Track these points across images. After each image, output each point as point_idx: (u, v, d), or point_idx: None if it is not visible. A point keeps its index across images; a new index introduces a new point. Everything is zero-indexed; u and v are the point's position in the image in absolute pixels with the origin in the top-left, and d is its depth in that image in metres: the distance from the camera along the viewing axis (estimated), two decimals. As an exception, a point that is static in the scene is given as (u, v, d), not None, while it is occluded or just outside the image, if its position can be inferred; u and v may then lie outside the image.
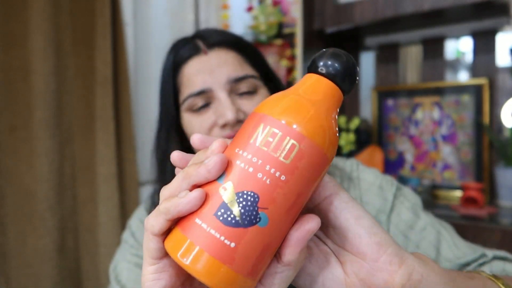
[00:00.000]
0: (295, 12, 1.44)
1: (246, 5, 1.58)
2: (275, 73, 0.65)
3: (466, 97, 1.37)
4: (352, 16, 1.30)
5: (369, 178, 0.61)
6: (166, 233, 0.26)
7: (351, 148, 1.53)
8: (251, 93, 0.57)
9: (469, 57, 1.44)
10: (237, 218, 0.23)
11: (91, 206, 1.15)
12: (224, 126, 0.55)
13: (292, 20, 1.51)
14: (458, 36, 1.45)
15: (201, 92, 0.56)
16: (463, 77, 1.56)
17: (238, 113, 0.54)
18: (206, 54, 0.57)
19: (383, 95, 1.54)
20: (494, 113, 1.34)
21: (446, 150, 1.41)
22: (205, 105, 0.56)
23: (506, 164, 1.23)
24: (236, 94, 0.56)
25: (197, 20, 1.61)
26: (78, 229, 1.14)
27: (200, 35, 0.60)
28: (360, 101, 1.62)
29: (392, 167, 1.52)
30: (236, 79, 0.56)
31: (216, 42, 0.58)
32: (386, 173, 1.49)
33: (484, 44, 1.36)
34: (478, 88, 1.34)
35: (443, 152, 1.42)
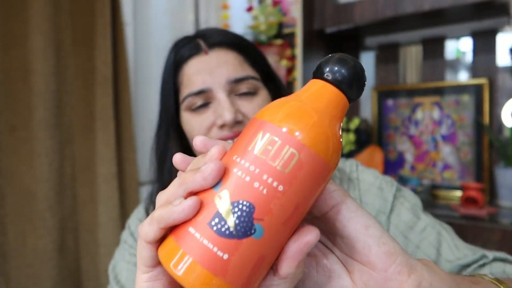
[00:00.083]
0: (295, 12, 1.44)
1: (246, 5, 1.58)
2: (276, 75, 0.64)
3: (466, 97, 1.37)
4: (352, 16, 1.30)
5: (368, 178, 0.61)
6: (160, 241, 0.25)
7: (351, 148, 1.53)
8: (251, 94, 0.57)
9: (469, 57, 1.44)
10: (231, 229, 0.22)
11: (91, 206, 1.15)
12: (222, 126, 0.55)
13: (292, 20, 1.51)
14: (458, 36, 1.45)
15: (200, 92, 0.56)
16: (463, 77, 1.56)
17: (237, 114, 0.54)
18: (207, 54, 0.57)
19: (383, 95, 1.54)
20: (494, 113, 1.34)
21: (446, 150, 1.41)
22: (204, 105, 0.56)
23: (506, 164, 1.23)
24: (236, 95, 0.56)
25: (197, 20, 1.61)
26: (78, 229, 1.14)
27: (202, 35, 0.60)
28: (360, 101, 1.62)
29: (392, 167, 1.52)
30: (236, 80, 0.55)
31: (217, 42, 0.58)
32: (386, 173, 1.49)
33: (484, 44, 1.36)
34: (478, 88, 1.34)
35: (443, 152, 1.42)
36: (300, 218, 0.24)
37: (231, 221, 0.22)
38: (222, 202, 0.23)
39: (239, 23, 1.59)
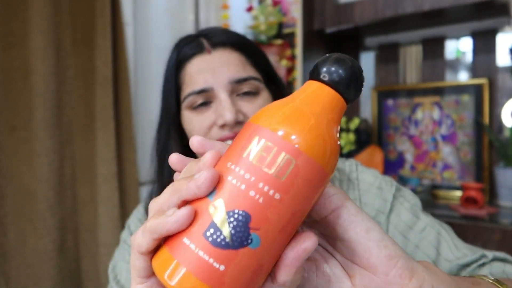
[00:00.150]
0: (295, 12, 1.44)
1: (246, 5, 1.58)
2: (277, 75, 0.64)
3: (466, 97, 1.37)
4: (352, 16, 1.30)
5: (368, 179, 0.61)
6: (154, 251, 0.25)
7: (351, 148, 1.53)
8: (253, 94, 0.57)
9: (469, 57, 1.44)
10: (227, 240, 0.22)
11: (91, 206, 1.15)
12: (223, 126, 0.55)
13: (292, 20, 1.51)
14: (458, 36, 1.45)
15: (202, 91, 0.56)
16: (463, 77, 1.56)
17: (238, 115, 0.54)
18: (210, 53, 0.57)
19: (383, 95, 1.54)
20: (494, 113, 1.34)
21: (446, 150, 1.41)
22: (205, 103, 0.56)
23: (506, 164, 1.23)
24: (237, 95, 0.56)
25: (197, 20, 1.61)
26: (78, 229, 1.14)
27: (205, 34, 0.60)
28: (360, 101, 1.62)
29: (392, 167, 1.52)
30: (238, 80, 0.56)
31: (220, 41, 0.58)
32: (386, 173, 1.49)
33: (484, 44, 1.36)
34: (478, 88, 1.34)
35: (443, 152, 1.42)
36: (297, 225, 0.24)
37: (226, 231, 0.22)
38: (217, 211, 0.22)
39: (239, 23, 1.59)
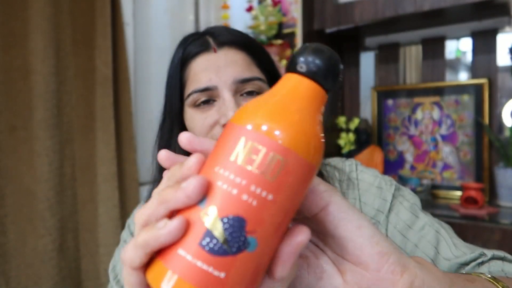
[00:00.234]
0: (295, 12, 1.44)
1: (246, 5, 1.58)
2: (281, 76, 0.64)
3: (466, 97, 1.37)
4: (352, 16, 1.30)
5: (368, 178, 0.61)
6: (147, 264, 0.24)
7: (351, 148, 1.53)
8: (256, 94, 0.57)
9: (469, 57, 1.44)
10: (225, 247, 0.21)
11: (91, 206, 1.15)
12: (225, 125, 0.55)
13: (292, 20, 1.51)
14: (458, 36, 1.46)
15: (206, 89, 0.56)
16: (463, 77, 1.57)
17: None
18: (216, 52, 0.57)
19: (383, 95, 1.54)
20: (494, 113, 1.34)
21: (446, 150, 1.41)
22: (208, 102, 0.56)
23: (506, 164, 1.23)
24: (241, 95, 0.56)
25: (197, 20, 1.61)
26: (78, 229, 1.14)
27: (211, 33, 0.60)
28: (360, 101, 1.62)
29: (392, 167, 1.52)
30: (243, 80, 0.56)
31: (226, 41, 0.58)
32: (386, 173, 1.49)
33: (484, 44, 1.36)
34: (478, 88, 1.34)
35: (443, 152, 1.42)
36: (290, 221, 0.24)
37: (223, 238, 0.21)
38: (211, 219, 0.22)
39: (239, 23, 1.59)
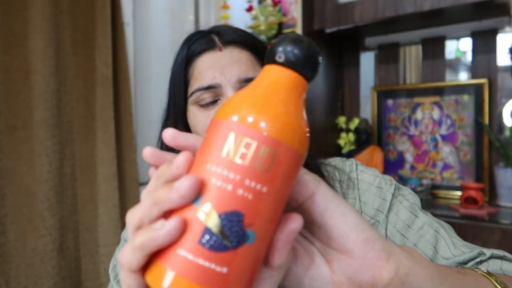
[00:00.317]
0: (295, 12, 1.44)
1: (246, 5, 1.58)
2: None
3: (466, 97, 1.37)
4: (352, 16, 1.30)
5: (368, 178, 0.61)
6: (145, 266, 0.24)
7: (351, 148, 1.53)
8: None
9: (469, 57, 1.44)
10: (225, 242, 0.22)
11: (91, 206, 1.15)
12: None
13: (292, 20, 1.51)
14: (458, 36, 1.46)
15: (209, 87, 0.56)
16: (463, 77, 1.57)
17: None
18: (221, 50, 0.57)
19: (383, 95, 1.54)
20: (494, 113, 1.34)
21: (446, 150, 1.41)
22: (212, 100, 0.56)
23: (506, 164, 1.23)
24: None
25: (197, 20, 1.61)
26: (78, 229, 1.14)
27: (217, 31, 0.60)
28: (360, 101, 1.62)
29: (392, 167, 1.52)
30: (247, 80, 0.56)
31: (231, 40, 0.58)
32: (386, 173, 1.50)
33: (484, 44, 1.36)
34: (478, 88, 1.34)
35: (443, 152, 1.42)
36: (283, 210, 0.24)
37: (223, 234, 0.22)
38: (208, 216, 0.22)
39: (239, 23, 1.59)
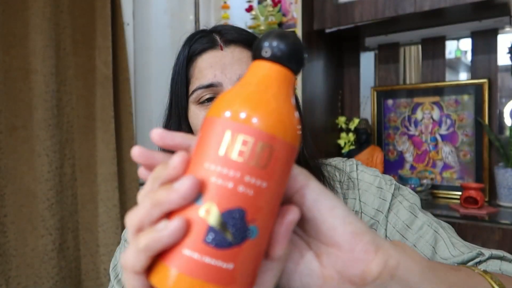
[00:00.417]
0: (295, 12, 1.44)
1: (246, 5, 1.58)
2: None
3: (466, 97, 1.37)
4: (352, 16, 1.30)
5: (368, 178, 0.61)
6: (149, 267, 0.24)
7: (351, 148, 1.53)
8: None
9: (469, 57, 1.44)
10: (230, 239, 0.22)
11: (91, 206, 1.15)
12: None
13: (292, 20, 1.51)
14: (458, 36, 1.46)
15: (210, 86, 0.56)
16: (463, 77, 1.57)
17: None
18: (222, 49, 0.57)
19: (383, 95, 1.54)
20: (494, 113, 1.34)
21: (446, 150, 1.41)
22: (212, 99, 0.56)
23: (506, 164, 1.23)
24: None
25: (197, 20, 1.61)
26: (78, 229, 1.14)
27: (218, 30, 0.60)
28: (360, 101, 1.62)
29: (392, 167, 1.52)
30: None
31: (233, 39, 0.58)
32: (386, 173, 1.49)
33: (484, 44, 1.36)
34: (478, 88, 1.34)
35: (443, 152, 1.42)
36: (280, 203, 0.25)
37: (227, 231, 0.22)
38: (212, 215, 0.22)
39: (239, 23, 1.59)
